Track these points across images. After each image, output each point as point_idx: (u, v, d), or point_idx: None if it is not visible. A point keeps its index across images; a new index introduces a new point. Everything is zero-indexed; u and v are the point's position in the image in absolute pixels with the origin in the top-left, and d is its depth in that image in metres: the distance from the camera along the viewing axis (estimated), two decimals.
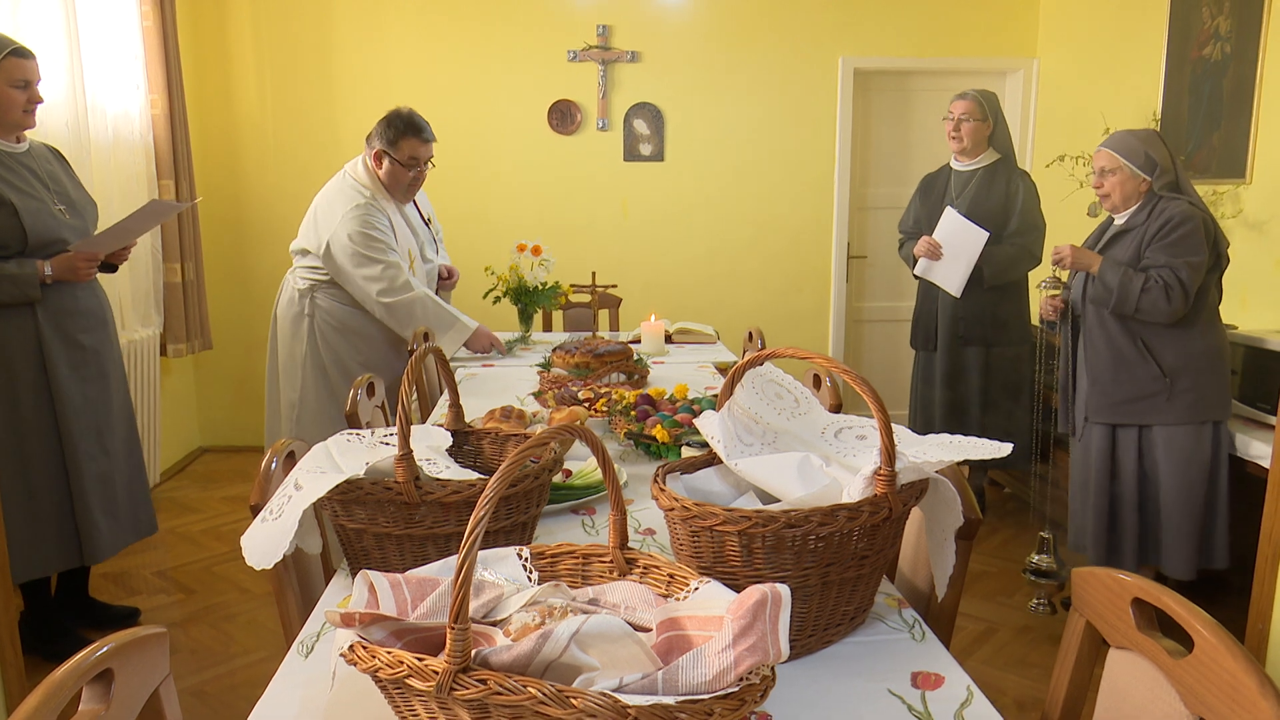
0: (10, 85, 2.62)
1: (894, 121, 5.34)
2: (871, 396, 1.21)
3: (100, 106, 4.01)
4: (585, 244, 5.18)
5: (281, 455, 1.68)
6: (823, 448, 1.45)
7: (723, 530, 1.19)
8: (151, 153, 4.42)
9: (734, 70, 5.16)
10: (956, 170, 3.81)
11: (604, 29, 5.06)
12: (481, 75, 5.07)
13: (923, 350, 3.94)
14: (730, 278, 5.33)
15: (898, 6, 5.13)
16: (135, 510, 2.97)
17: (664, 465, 1.40)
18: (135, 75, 4.30)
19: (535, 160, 5.16)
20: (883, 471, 1.23)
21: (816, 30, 5.13)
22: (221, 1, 4.93)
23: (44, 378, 2.71)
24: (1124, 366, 2.86)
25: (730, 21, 5.11)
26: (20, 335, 2.67)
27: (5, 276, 2.59)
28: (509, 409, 2.27)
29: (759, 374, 1.49)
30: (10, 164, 2.67)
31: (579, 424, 1.09)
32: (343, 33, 4.99)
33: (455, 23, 5.02)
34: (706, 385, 2.94)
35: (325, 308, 3.28)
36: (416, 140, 3.21)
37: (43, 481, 2.74)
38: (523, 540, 1.45)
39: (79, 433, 2.77)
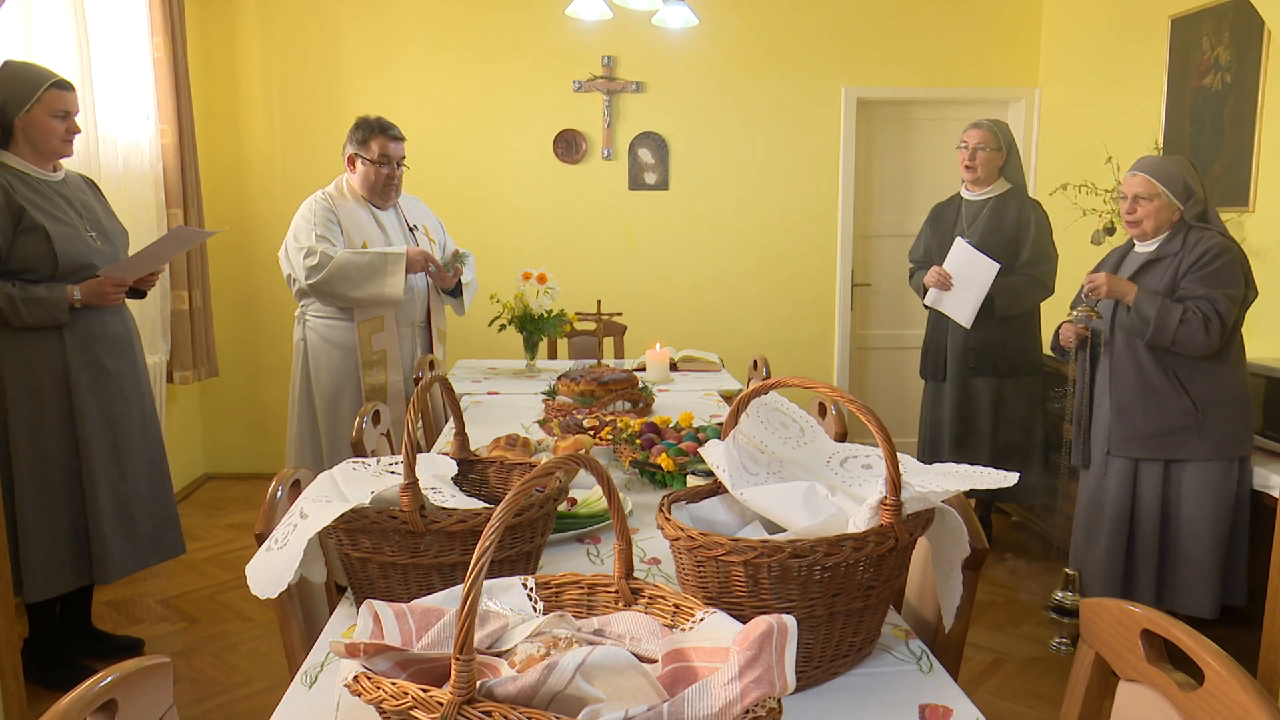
0: (51, 116, 2.70)
1: (897, 150, 5.36)
2: (877, 426, 1.21)
3: (111, 136, 4.05)
4: (590, 272, 5.20)
5: (287, 484, 1.68)
6: (828, 477, 1.45)
7: (728, 560, 1.19)
8: (161, 182, 4.46)
9: (738, 100, 5.20)
10: (968, 200, 3.79)
11: (609, 59, 5.12)
12: (488, 105, 5.12)
13: (932, 381, 3.90)
14: (735, 305, 5.34)
15: (900, 38, 5.18)
16: (158, 532, 3.00)
17: (669, 494, 1.39)
18: (146, 105, 4.35)
19: (541, 189, 5.20)
20: (888, 501, 1.22)
21: (819, 61, 5.18)
22: (231, 32, 5.00)
23: (68, 400, 2.75)
24: (1154, 398, 2.80)
25: (734, 52, 5.17)
26: (47, 358, 2.72)
27: (35, 300, 2.64)
28: (514, 437, 2.27)
29: (764, 403, 1.49)
30: (46, 191, 2.73)
31: (584, 453, 1.10)
32: (351, 64, 5.05)
33: (462, 54, 5.08)
34: (711, 413, 2.94)
35: (312, 324, 3.31)
36: (385, 138, 3.24)
37: (61, 501, 2.77)
38: (528, 569, 1.45)
39: (97, 455, 2.81)
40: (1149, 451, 2.83)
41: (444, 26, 5.05)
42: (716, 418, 2.84)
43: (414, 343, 3.41)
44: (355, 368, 3.28)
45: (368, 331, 3.27)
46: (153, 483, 2.99)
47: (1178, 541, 2.82)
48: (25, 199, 2.65)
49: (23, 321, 2.64)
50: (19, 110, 2.66)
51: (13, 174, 2.68)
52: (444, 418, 3.40)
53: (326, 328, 3.29)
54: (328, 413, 3.31)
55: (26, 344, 2.69)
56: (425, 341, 3.48)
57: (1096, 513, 3.00)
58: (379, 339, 3.29)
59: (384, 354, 3.30)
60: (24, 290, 2.64)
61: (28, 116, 2.67)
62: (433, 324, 3.49)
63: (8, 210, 2.62)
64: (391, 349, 3.31)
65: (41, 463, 2.73)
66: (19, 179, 2.69)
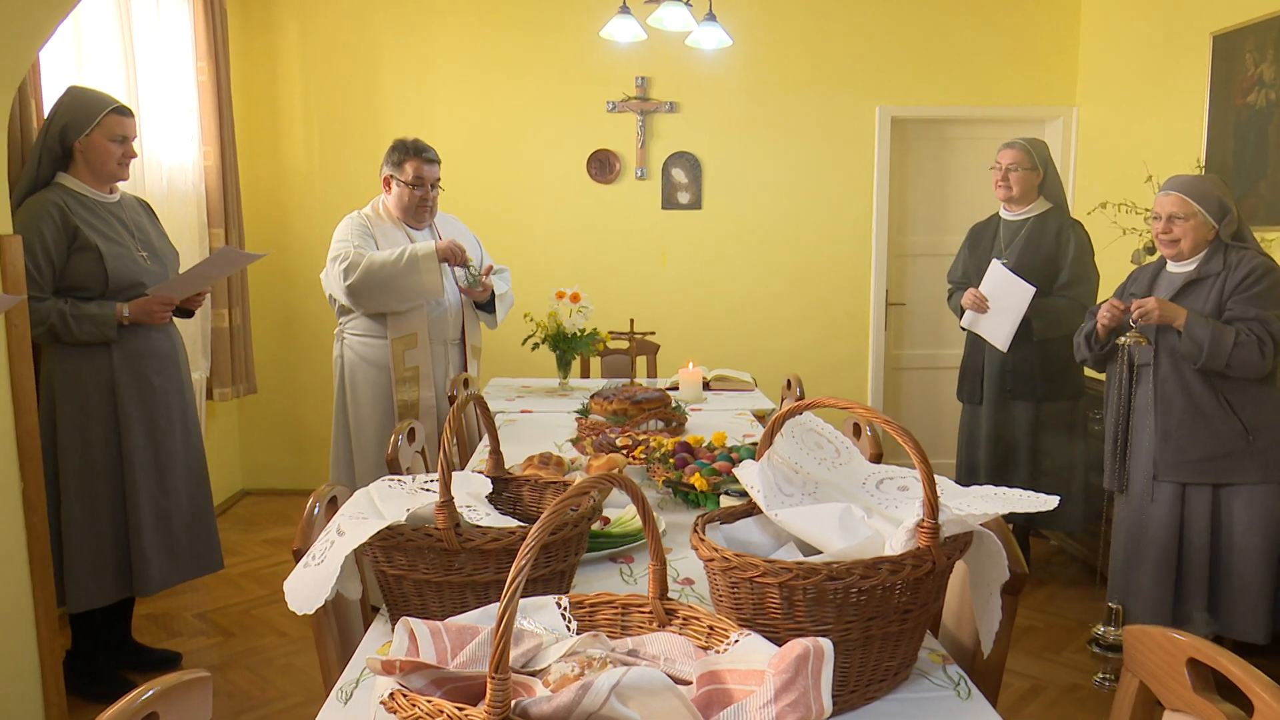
0: (110, 140, 2.78)
1: (932, 169, 5.33)
2: (914, 447, 1.20)
3: (156, 159, 4.15)
4: (623, 291, 5.22)
5: (324, 501, 1.70)
6: (864, 499, 1.44)
7: (763, 582, 1.18)
8: (203, 202, 4.56)
9: (771, 120, 5.21)
10: (1006, 220, 3.74)
11: (643, 80, 5.15)
12: (523, 126, 5.18)
13: (969, 403, 3.85)
14: (768, 325, 5.32)
15: (935, 57, 5.17)
16: (197, 547, 3.05)
17: (703, 515, 1.39)
18: (190, 128, 4.45)
19: (574, 208, 5.24)
20: (925, 524, 1.21)
21: (853, 80, 5.18)
22: (272, 55, 5.10)
23: (114, 414, 2.83)
24: (1203, 422, 2.75)
25: (767, 72, 5.18)
26: (96, 373, 2.79)
27: (86, 316, 2.72)
28: (547, 456, 2.28)
29: (799, 423, 1.48)
30: (100, 212, 2.82)
31: (617, 472, 1.10)
32: (389, 86, 5.13)
33: (498, 75, 5.14)
34: (744, 433, 2.93)
35: (349, 342, 3.34)
36: (419, 160, 3.29)
37: (106, 514, 2.84)
38: (561, 589, 1.45)
39: (140, 469, 2.87)
40: (1198, 476, 2.77)
41: (481, 49, 5.12)
42: (750, 437, 2.83)
43: (447, 359, 3.42)
44: (389, 385, 3.30)
45: (401, 348, 3.28)
46: (193, 498, 3.04)
47: (1228, 566, 2.76)
48: (81, 219, 2.74)
49: (74, 337, 2.71)
50: (79, 134, 2.75)
51: (70, 195, 2.77)
52: (478, 435, 3.42)
53: (362, 345, 3.32)
54: (361, 430, 3.33)
55: (76, 359, 2.77)
56: (460, 359, 3.49)
57: (1140, 539, 2.93)
58: (412, 355, 3.30)
59: (416, 370, 3.31)
60: (75, 307, 2.71)
61: (87, 140, 2.76)
62: (467, 340, 3.49)
63: (64, 230, 2.70)
64: (425, 365, 3.32)
65: (88, 475, 2.80)
66: (76, 200, 2.77)
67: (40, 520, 2.57)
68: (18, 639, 2.55)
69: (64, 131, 2.75)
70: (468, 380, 3.37)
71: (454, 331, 3.45)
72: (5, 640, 2.50)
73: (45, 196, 2.72)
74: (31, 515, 2.55)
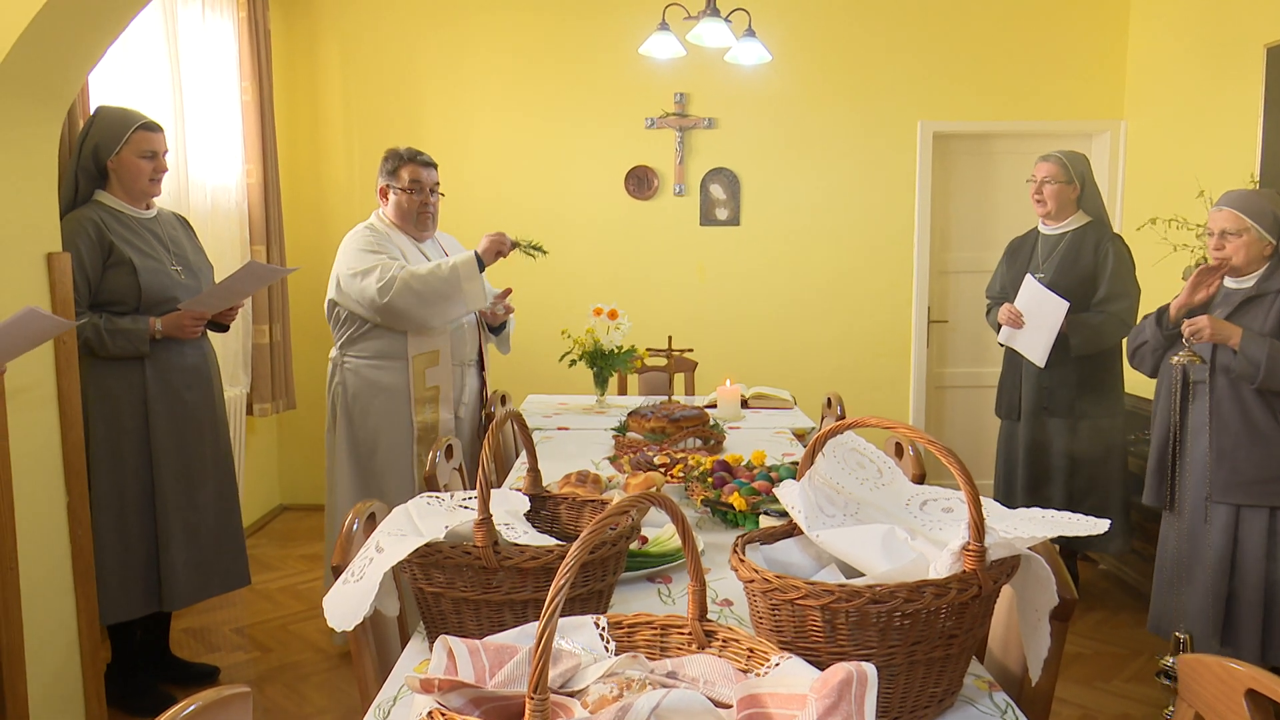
0: (139, 156, 2.84)
1: (975, 184, 5.29)
2: (959, 468, 1.19)
3: (201, 179, 4.25)
4: (661, 308, 5.23)
5: (363, 517, 1.72)
6: (907, 520, 1.42)
7: (805, 605, 1.17)
8: (246, 220, 4.65)
9: (811, 135, 5.20)
10: (1044, 234, 3.72)
11: (681, 96, 5.18)
12: (561, 142, 5.22)
13: (1006, 419, 3.83)
14: (807, 342, 5.30)
15: (977, 70, 5.13)
16: (224, 563, 3.08)
17: (743, 535, 1.39)
18: (234, 147, 4.55)
19: (612, 225, 5.26)
20: (971, 547, 1.20)
21: (894, 95, 5.16)
22: (313, 74, 5.21)
23: (146, 427, 2.87)
24: (1260, 443, 2.70)
25: (807, 87, 5.18)
26: (128, 387, 2.84)
27: (120, 331, 2.77)
28: (584, 473, 2.28)
29: (840, 442, 1.47)
30: (136, 228, 2.88)
31: (655, 490, 1.10)
32: (428, 105, 5.20)
33: (538, 93, 5.19)
34: (784, 451, 2.91)
35: (352, 367, 3.21)
36: (414, 165, 3.24)
37: (136, 528, 2.88)
38: (598, 608, 1.45)
39: (169, 483, 2.91)
40: (1254, 498, 2.71)
41: (519, 67, 5.18)
42: (789, 456, 2.81)
43: (464, 381, 3.35)
44: (400, 409, 3.19)
45: (423, 365, 3.21)
46: (221, 513, 3.07)
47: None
48: (116, 235, 2.80)
49: (107, 351, 2.77)
50: (110, 153, 2.82)
51: (107, 211, 2.84)
52: (514, 452, 3.44)
53: (372, 369, 3.20)
54: (370, 461, 3.21)
55: (110, 373, 2.81)
56: (477, 381, 3.43)
57: (1190, 561, 2.87)
58: (433, 374, 3.23)
59: (437, 391, 3.24)
60: (109, 321, 2.77)
61: (118, 158, 2.82)
62: (485, 362, 3.47)
63: (99, 246, 2.77)
64: (445, 385, 3.25)
65: (119, 488, 2.84)
66: (113, 216, 2.84)
67: (84, 534, 2.63)
68: (61, 651, 2.60)
69: (96, 151, 2.82)
70: (505, 397, 3.39)
71: (472, 352, 3.40)
72: (50, 652, 2.55)
73: (82, 213, 2.78)
74: (76, 528, 2.61)
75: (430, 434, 3.23)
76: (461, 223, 5.16)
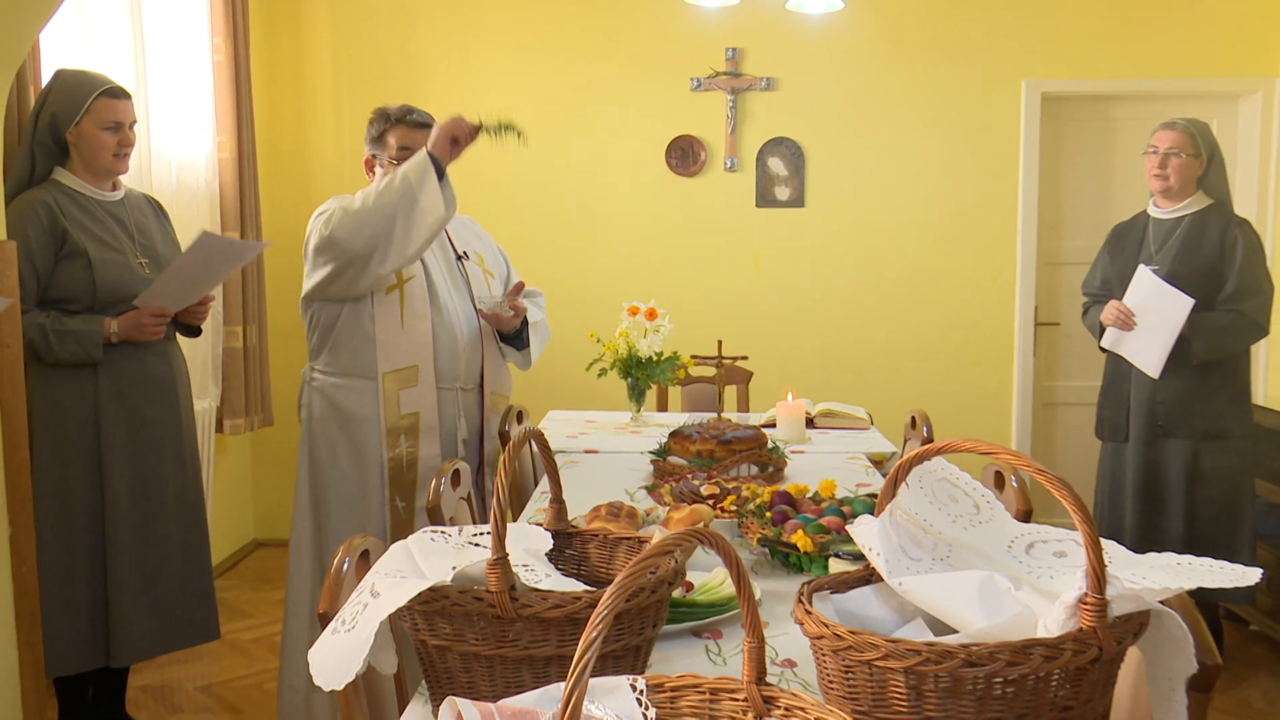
0: (101, 128, 2.90)
1: (1093, 158, 5.25)
2: (1074, 503, 1.18)
3: (165, 153, 4.33)
4: (709, 306, 5.23)
5: (354, 555, 1.74)
6: (1010, 566, 1.42)
7: (885, 666, 1.17)
8: (217, 201, 4.73)
9: (889, 98, 5.18)
10: (1156, 218, 3.72)
11: (734, 52, 5.19)
12: (589, 108, 5.25)
13: (1110, 441, 3.83)
14: (886, 349, 5.27)
15: (1096, 19, 5.08)
16: (187, 612, 3.11)
17: (809, 582, 1.38)
18: (204, 115, 4.63)
19: (651, 207, 5.28)
20: (1089, 599, 1.19)
21: (994, 49, 5.12)
22: (297, 29, 5.29)
23: (97, 448, 2.91)
24: None
25: (884, 40, 5.16)
26: (77, 400, 2.88)
27: (68, 332, 2.81)
28: (617, 505, 2.29)
29: (928, 471, 1.47)
30: (97, 213, 2.94)
31: (703, 527, 1.10)
32: (431, 64, 5.26)
33: (559, 47, 5.23)
34: (858, 481, 2.90)
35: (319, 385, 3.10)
36: (404, 127, 3.07)
37: (84, 567, 2.91)
38: (635, 668, 1.46)
39: (123, 515, 2.94)
40: None
41: (539, 18, 5.22)
42: (865, 487, 2.80)
43: (458, 410, 3.14)
44: (368, 442, 3.03)
45: (395, 386, 3.02)
46: (187, 552, 3.11)
47: None
48: (72, 221, 2.85)
49: (55, 356, 2.80)
50: (69, 123, 2.87)
51: (64, 193, 2.89)
52: (533, 480, 3.46)
53: (338, 390, 3.05)
54: (330, 507, 3.07)
55: (57, 383, 2.85)
56: (477, 411, 3.22)
57: None
58: (410, 398, 3.03)
59: (415, 419, 3.04)
60: (57, 321, 2.81)
61: (78, 130, 2.88)
62: (486, 386, 3.22)
63: (51, 233, 2.81)
64: (427, 413, 3.04)
65: (65, 521, 2.87)
66: (70, 199, 2.89)
67: (29, 571, 2.68)
68: (1, 709, 2.65)
69: (53, 122, 2.87)
70: (522, 413, 3.41)
71: (469, 373, 3.16)
72: None
73: (35, 195, 2.83)
74: (20, 565, 2.66)
75: (406, 474, 3.05)
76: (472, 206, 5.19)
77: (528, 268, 4.88)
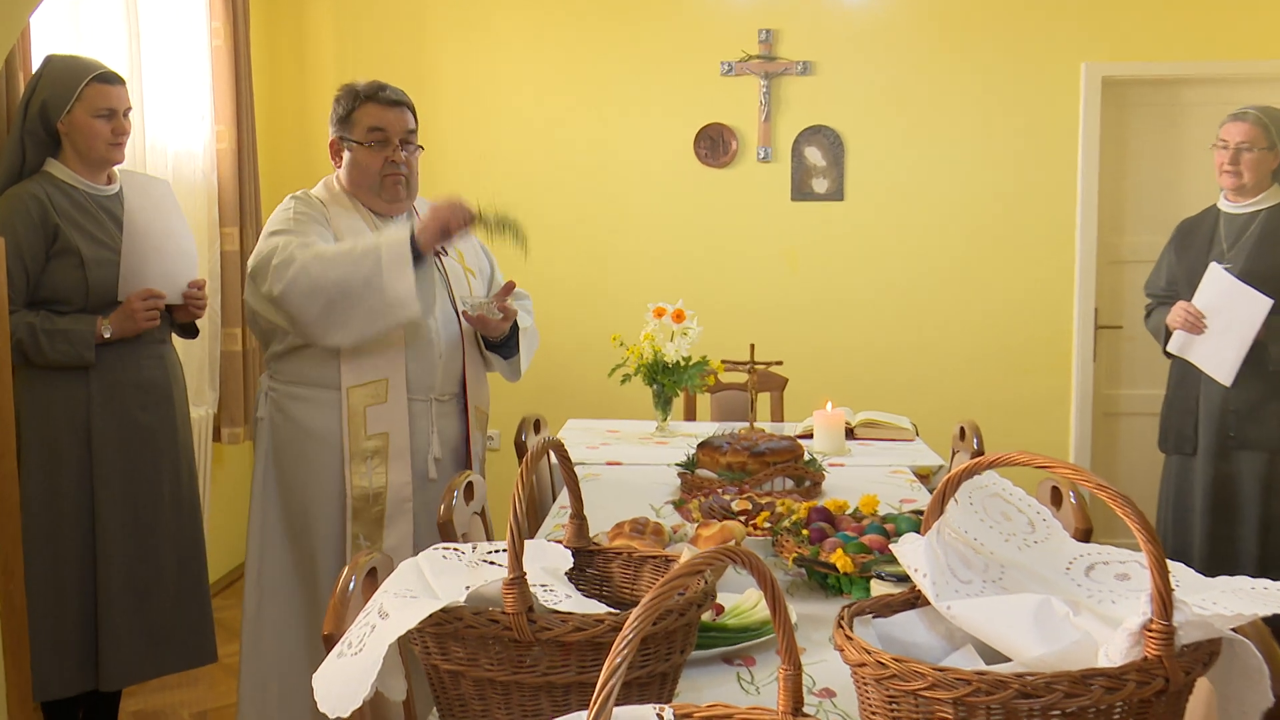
0: (94, 115, 2.93)
1: (1158, 147, 5.22)
2: (1138, 521, 1.17)
3: (160, 144, 4.38)
4: (740, 307, 5.23)
5: (361, 574, 1.75)
6: (1069, 589, 1.41)
7: (932, 697, 1.17)
8: (215, 195, 4.77)
9: (935, 84, 5.17)
10: (1227, 214, 3.74)
11: (767, 34, 5.19)
12: (611, 94, 5.26)
13: (1176, 454, 3.84)
14: (933, 353, 5.25)
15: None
16: (181, 633, 3.13)
17: (850, 605, 1.39)
18: (201, 105, 4.68)
19: (678, 201, 5.29)
20: (1155, 626, 1.18)
21: (1050, 29, 5.10)
22: (300, 15, 5.33)
23: (88, 456, 2.94)
24: None
25: (930, 20, 5.15)
26: (69, 405, 2.92)
27: (58, 332, 2.84)
28: (642, 522, 2.30)
29: (979, 486, 1.46)
30: (91, 208, 2.97)
31: (735, 544, 1.11)
32: (442, 48, 5.29)
33: (579, 31, 5.25)
34: (902, 497, 2.90)
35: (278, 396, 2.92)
36: (375, 105, 2.91)
37: (72, 584, 2.93)
38: (661, 696, 1.46)
39: (115, 528, 2.97)
40: None
41: None
42: (909, 503, 2.80)
43: (432, 426, 2.92)
44: (331, 466, 2.83)
45: (361, 402, 2.81)
46: (182, 569, 3.13)
47: None
48: (64, 217, 2.88)
49: (44, 358, 2.83)
50: (60, 111, 2.91)
51: (56, 186, 2.92)
52: (550, 495, 3.47)
53: (299, 404, 2.86)
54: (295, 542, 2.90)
55: (47, 387, 2.88)
56: (458, 426, 3.02)
57: None
58: (378, 416, 2.82)
59: (384, 441, 2.83)
60: (47, 320, 2.84)
61: (70, 119, 2.92)
62: (469, 399, 3.02)
63: (41, 230, 2.84)
64: (398, 434, 2.83)
65: (53, 534, 2.90)
66: (63, 192, 2.92)
67: (17, 588, 2.71)
68: None
69: (44, 111, 2.91)
70: (539, 422, 3.42)
71: (447, 382, 2.96)
72: None
73: (25, 188, 2.87)
74: (7, 581, 2.69)
75: (373, 505, 2.83)
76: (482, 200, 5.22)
77: (545, 267, 4.91)
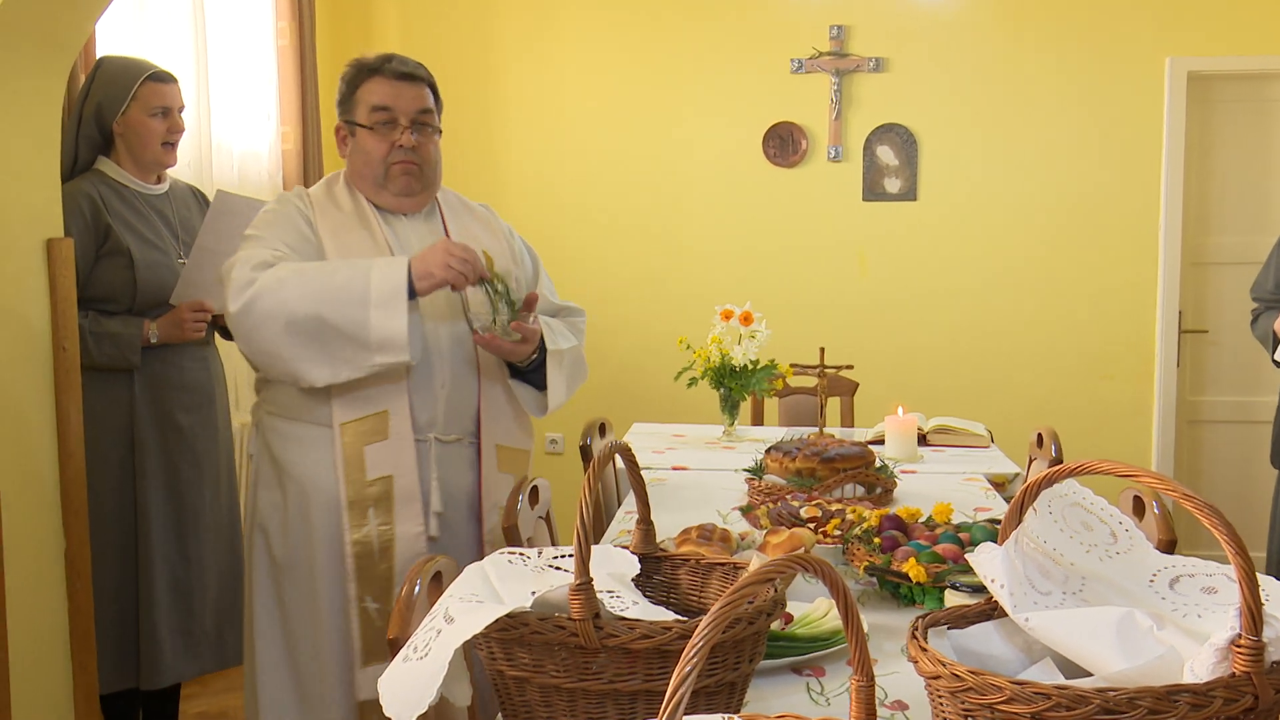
0: (148, 114, 3.00)
1: (1248, 145, 5.15)
2: (1225, 532, 1.16)
3: (226, 144, 4.47)
4: (810, 310, 5.22)
5: (426, 578, 1.78)
6: (1152, 602, 1.39)
7: (1010, 711, 1.16)
8: None
9: (1012, 81, 5.12)
10: None
11: (838, 30, 5.17)
12: (678, 93, 5.28)
13: None
14: (1008, 358, 5.20)
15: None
16: (221, 632, 3.19)
17: (924, 615, 1.38)
18: (267, 105, 4.77)
19: (745, 201, 5.28)
20: (1243, 641, 1.16)
21: (1132, 22, 5.03)
22: (367, 13, 5.41)
23: (131, 458, 3.01)
24: None
25: (1006, 15, 5.10)
26: (112, 406, 2.99)
27: (107, 335, 2.92)
28: (709, 528, 2.30)
29: (1059, 494, 1.45)
30: (140, 207, 3.04)
31: (805, 552, 1.11)
32: (509, 48, 5.34)
33: (645, 28, 5.27)
34: (977, 505, 2.88)
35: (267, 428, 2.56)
36: (380, 79, 2.55)
37: (112, 581, 3.00)
38: (729, 706, 1.46)
39: (156, 529, 3.03)
40: None
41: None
42: (984, 512, 2.78)
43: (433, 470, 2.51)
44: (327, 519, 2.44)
45: (358, 440, 2.42)
46: (221, 569, 3.19)
47: None
48: (116, 216, 2.95)
49: (91, 360, 2.89)
50: (116, 113, 2.98)
51: (108, 185, 2.99)
52: (616, 500, 3.48)
53: (281, 441, 2.49)
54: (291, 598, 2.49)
55: (92, 388, 2.93)
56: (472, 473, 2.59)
57: None
58: (377, 456, 2.43)
59: (388, 485, 2.44)
60: (96, 323, 2.91)
61: (125, 119, 2.99)
62: (484, 437, 2.59)
63: (93, 228, 2.91)
64: (404, 476, 2.45)
65: (96, 533, 2.95)
66: (114, 191, 2.99)
67: (84, 588, 2.79)
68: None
69: (99, 112, 2.98)
70: (604, 426, 3.44)
71: (450, 419, 2.54)
72: None
73: (78, 186, 2.93)
74: (75, 581, 2.77)
75: (379, 563, 2.45)
76: (544, 201, 5.26)
77: (609, 269, 4.94)
